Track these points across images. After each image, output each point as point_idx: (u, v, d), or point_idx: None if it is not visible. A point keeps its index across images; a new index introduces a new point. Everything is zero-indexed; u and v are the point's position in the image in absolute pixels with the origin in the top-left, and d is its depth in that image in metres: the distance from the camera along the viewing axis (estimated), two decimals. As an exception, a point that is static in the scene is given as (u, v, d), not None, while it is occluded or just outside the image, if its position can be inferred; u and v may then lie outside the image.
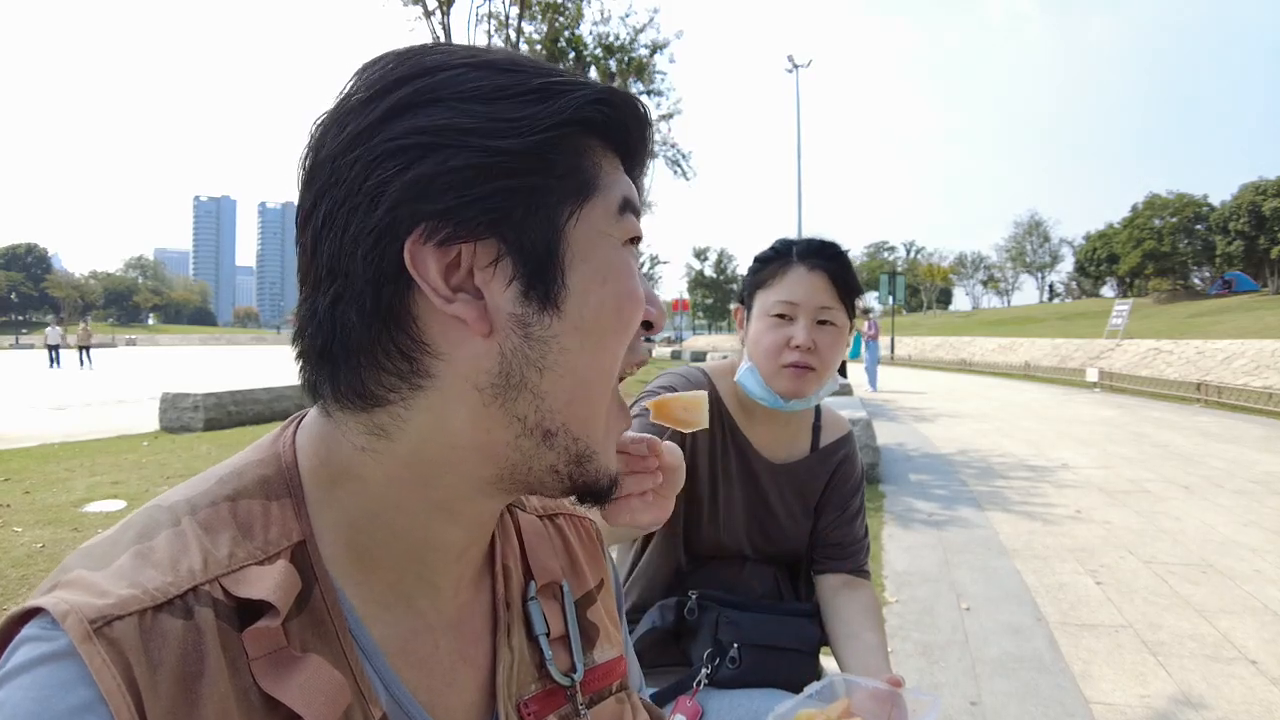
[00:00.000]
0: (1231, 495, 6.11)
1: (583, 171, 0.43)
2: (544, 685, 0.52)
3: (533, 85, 0.42)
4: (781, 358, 1.23)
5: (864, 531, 1.37)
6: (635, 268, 0.46)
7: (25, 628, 0.38)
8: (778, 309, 1.24)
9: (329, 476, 0.45)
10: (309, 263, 0.43)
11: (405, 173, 0.39)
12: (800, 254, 1.26)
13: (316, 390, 0.45)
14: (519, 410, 0.43)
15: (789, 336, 1.23)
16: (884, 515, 5.48)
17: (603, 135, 0.45)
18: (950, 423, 11.21)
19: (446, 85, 0.41)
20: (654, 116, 0.51)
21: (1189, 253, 61.19)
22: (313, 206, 0.42)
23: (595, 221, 0.44)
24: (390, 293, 0.41)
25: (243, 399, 9.76)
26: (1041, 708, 2.70)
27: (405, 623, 0.47)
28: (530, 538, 0.58)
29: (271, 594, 0.40)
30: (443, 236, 0.40)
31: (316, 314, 0.42)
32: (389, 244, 0.40)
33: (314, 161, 0.43)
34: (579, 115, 0.42)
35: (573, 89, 0.43)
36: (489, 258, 0.41)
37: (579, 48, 11.34)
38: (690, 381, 1.33)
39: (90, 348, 27.11)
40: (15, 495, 5.21)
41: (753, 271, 1.32)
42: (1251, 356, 15.37)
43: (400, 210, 0.40)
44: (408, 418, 0.43)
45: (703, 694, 1.16)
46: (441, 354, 0.42)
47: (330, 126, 0.42)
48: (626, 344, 0.46)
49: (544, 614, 0.54)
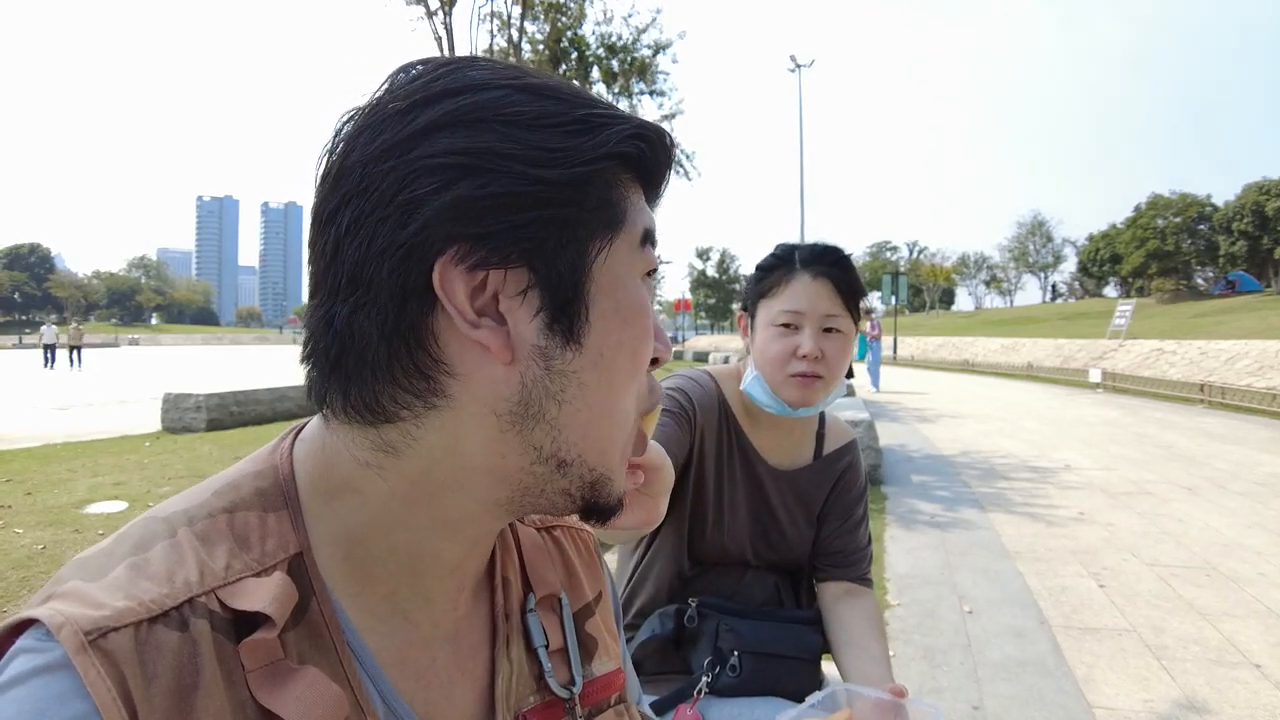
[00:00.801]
0: (1235, 497, 6.09)
1: (613, 205, 0.44)
2: (543, 698, 0.52)
3: (576, 116, 0.42)
4: (789, 367, 1.22)
5: (867, 540, 1.37)
6: (651, 306, 0.47)
7: (20, 639, 0.38)
8: (783, 318, 1.23)
9: (327, 489, 0.45)
10: (326, 267, 0.42)
11: (443, 192, 0.39)
12: (803, 261, 1.25)
13: (324, 400, 0.44)
14: (535, 440, 0.43)
15: (795, 346, 1.22)
16: (886, 517, 5.47)
17: (634, 168, 0.45)
18: (952, 423, 11.20)
19: (489, 106, 0.41)
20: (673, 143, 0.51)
21: (1192, 253, 61.15)
22: (336, 210, 0.41)
23: (620, 255, 0.44)
24: (414, 310, 0.40)
25: (245, 399, 9.77)
26: (1044, 712, 2.69)
27: (402, 635, 0.47)
28: (529, 550, 0.58)
29: (268, 606, 0.40)
30: (475, 261, 0.40)
31: (333, 323, 0.41)
32: (418, 261, 0.39)
33: (342, 165, 0.41)
34: (617, 150, 0.43)
35: (613, 122, 0.43)
36: (518, 286, 0.41)
37: (581, 48, 11.33)
38: (698, 383, 1.33)
39: (81, 348, 26.35)
40: (17, 496, 5.22)
41: (755, 280, 1.30)
42: (1255, 357, 15.33)
43: (434, 229, 0.39)
44: (419, 436, 0.42)
45: (703, 702, 1.16)
46: (460, 375, 0.41)
47: (363, 130, 0.41)
48: (638, 384, 0.47)
49: (543, 626, 0.54)
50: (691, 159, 12.48)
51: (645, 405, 0.49)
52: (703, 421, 1.28)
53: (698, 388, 1.32)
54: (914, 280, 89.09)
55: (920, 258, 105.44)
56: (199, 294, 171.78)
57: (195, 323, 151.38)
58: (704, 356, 31.42)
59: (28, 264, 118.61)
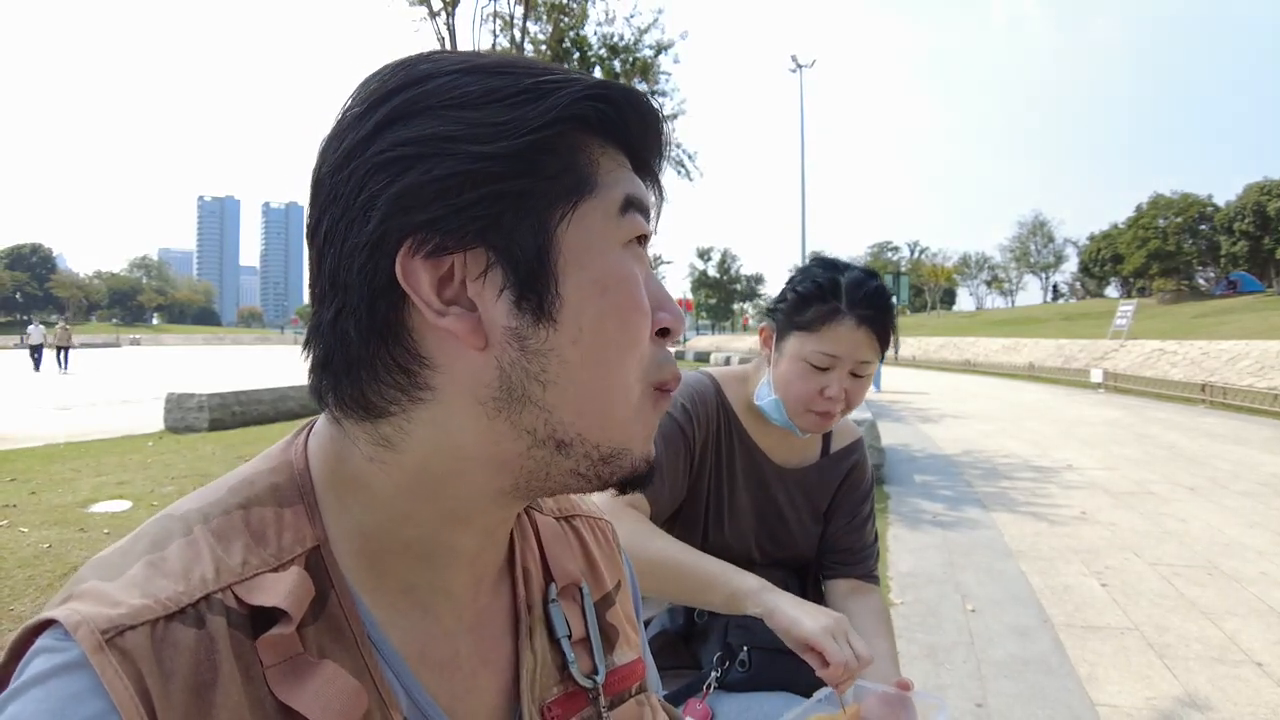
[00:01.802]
0: (1237, 497, 6.10)
1: (577, 170, 0.42)
2: (567, 688, 0.52)
3: (523, 86, 0.41)
4: (811, 404, 1.20)
5: (873, 537, 1.37)
6: (640, 273, 0.45)
7: (39, 639, 0.38)
8: (816, 359, 1.18)
9: (341, 483, 0.45)
10: (315, 277, 0.43)
11: (392, 185, 0.39)
12: (850, 304, 1.18)
13: (321, 398, 0.45)
14: (526, 423, 0.42)
15: (823, 386, 1.18)
16: (889, 516, 5.47)
17: (602, 132, 0.44)
18: (955, 423, 11.20)
19: (435, 94, 0.41)
20: (661, 108, 0.48)
21: (1194, 253, 61.00)
22: (317, 222, 0.43)
23: (592, 223, 0.43)
24: (385, 306, 0.41)
25: (247, 399, 9.79)
26: (1047, 710, 2.70)
27: (423, 627, 0.47)
28: (548, 540, 0.57)
29: (285, 601, 0.40)
30: (432, 248, 0.40)
31: (320, 327, 0.43)
32: (381, 258, 0.40)
33: (316, 177, 0.43)
34: (570, 112, 0.41)
35: (564, 86, 0.41)
36: (479, 268, 0.41)
37: (584, 48, 11.32)
38: (696, 390, 1.31)
39: (68, 349, 24.10)
40: (21, 496, 5.23)
41: (794, 305, 1.22)
42: (1256, 357, 15.32)
43: (390, 223, 0.39)
44: (410, 430, 0.42)
45: (713, 697, 1.16)
46: (439, 367, 0.41)
47: (330, 140, 0.43)
48: (638, 355, 0.44)
49: (565, 616, 0.54)
50: (694, 159, 12.47)
51: (654, 378, 0.46)
52: (702, 437, 1.28)
53: (696, 396, 1.29)
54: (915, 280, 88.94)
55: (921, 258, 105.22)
56: (200, 294, 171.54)
57: (197, 323, 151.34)
58: (705, 356, 31.38)
59: (29, 264, 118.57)
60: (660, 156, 0.48)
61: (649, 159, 0.47)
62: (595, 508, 0.66)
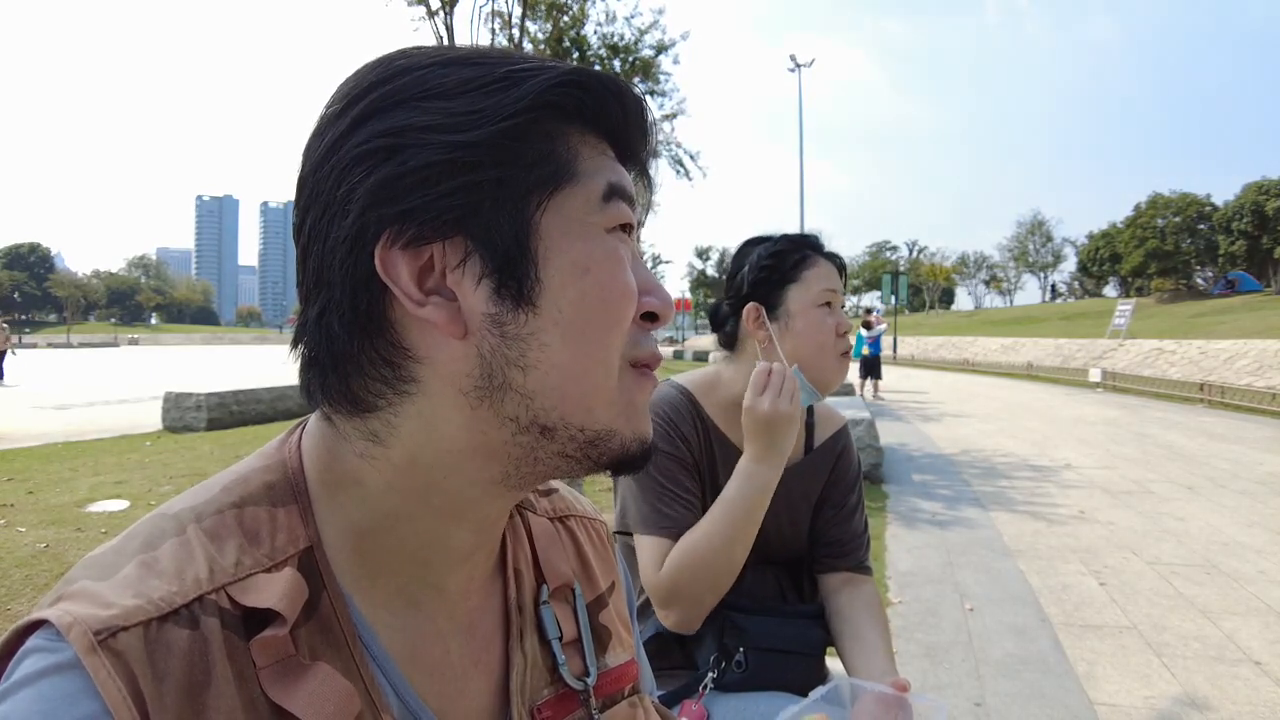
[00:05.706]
0: (1235, 496, 6.10)
1: (555, 158, 0.42)
2: (557, 690, 0.52)
3: (497, 75, 0.41)
4: (837, 346, 1.24)
5: (864, 526, 1.35)
6: (625, 257, 0.44)
7: (30, 640, 0.38)
8: (825, 297, 1.24)
9: (333, 482, 0.45)
10: (302, 275, 0.44)
11: (370, 177, 0.39)
12: (812, 246, 1.28)
13: (312, 396, 0.45)
14: (508, 411, 0.42)
15: (838, 323, 1.24)
16: (887, 515, 5.47)
17: (581, 120, 0.43)
18: (953, 422, 11.20)
19: (411, 86, 0.41)
20: (642, 94, 0.47)
21: (1192, 252, 60.98)
22: (302, 221, 0.43)
23: (572, 210, 0.43)
24: (367, 299, 0.41)
25: (245, 399, 9.77)
26: (1046, 709, 2.69)
27: (415, 628, 0.47)
28: (541, 540, 0.57)
29: (278, 602, 0.40)
30: (409, 239, 0.40)
31: (307, 325, 0.43)
32: (360, 251, 0.40)
33: (300, 178, 0.43)
34: (544, 99, 0.41)
35: (537, 73, 0.41)
36: (457, 257, 0.41)
37: (583, 48, 11.33)
38: (670, 404, 1.27)
39: (2, 353, 18.33)
40: (19, 495, 5.22)
41: (769, 268, 1.25)
42: (1255, 357, 15.34)
43: (367, 216, 0.39)
44: (397, 424, 0.43)
45: (708, 698, 1.16)
46: (423, 359, 0.41)
47: (311, 141, 0.43)
48: (620, 337, 0.44)
49: (556, 618, 0.54)
50: (695, 159, 12.48)
51: (630, 355, 0.45)
52: (693, 453, 1.26)
53: (672, 413, 1.26)
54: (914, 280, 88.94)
55: (920, 257, 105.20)
56: (199, 293, 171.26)
57: (195, 322, 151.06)
58: (704, 356, 31.38)
59: (27, 263, 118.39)
60: (646, 145, 0.48)
61: (634, 148, 0.47)
62: (590, 508, 0.65)
